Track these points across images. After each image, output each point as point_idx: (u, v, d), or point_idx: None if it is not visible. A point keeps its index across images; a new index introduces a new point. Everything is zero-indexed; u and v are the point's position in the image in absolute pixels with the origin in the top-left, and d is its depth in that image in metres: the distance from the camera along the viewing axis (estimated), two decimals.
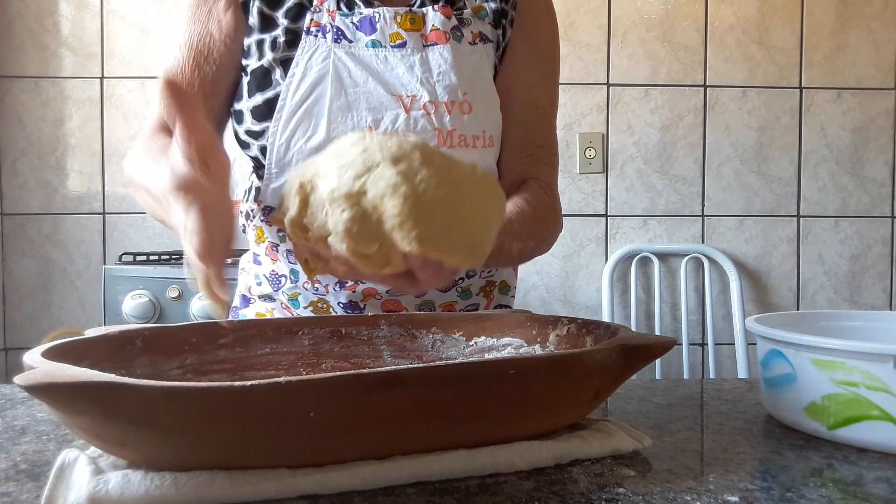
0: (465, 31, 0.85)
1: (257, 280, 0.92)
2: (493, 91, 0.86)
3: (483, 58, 0.86)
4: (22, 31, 2.03)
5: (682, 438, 0.53)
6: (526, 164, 0.90)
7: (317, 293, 0.86)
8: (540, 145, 0.92)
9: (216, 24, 0.82)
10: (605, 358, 0.48)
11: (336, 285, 0.84)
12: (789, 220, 2.18)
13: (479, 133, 0.82)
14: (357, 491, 0.42)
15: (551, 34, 0.96)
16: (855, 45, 2.17)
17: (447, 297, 0.89)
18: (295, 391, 0.38)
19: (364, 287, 0.83)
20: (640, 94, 2.14)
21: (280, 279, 0.88)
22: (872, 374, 0.49)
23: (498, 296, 0.94)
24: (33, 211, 2.04)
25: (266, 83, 0.81)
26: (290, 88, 0.79)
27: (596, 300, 2.14)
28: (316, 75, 0.79)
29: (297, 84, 0.79)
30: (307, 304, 0.87)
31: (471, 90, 0.83)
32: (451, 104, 0.81)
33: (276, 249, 0.87)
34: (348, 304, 0.85)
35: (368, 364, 0.66)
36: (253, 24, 0.82)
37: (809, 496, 0.42)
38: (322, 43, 0.80)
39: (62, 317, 2.05)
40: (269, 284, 0.90)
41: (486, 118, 0.84)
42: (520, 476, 0.45)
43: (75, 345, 0.51)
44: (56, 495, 0.39)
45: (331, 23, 0.81)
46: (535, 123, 0.91)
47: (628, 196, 2.15)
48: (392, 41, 0.82)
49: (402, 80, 0.80)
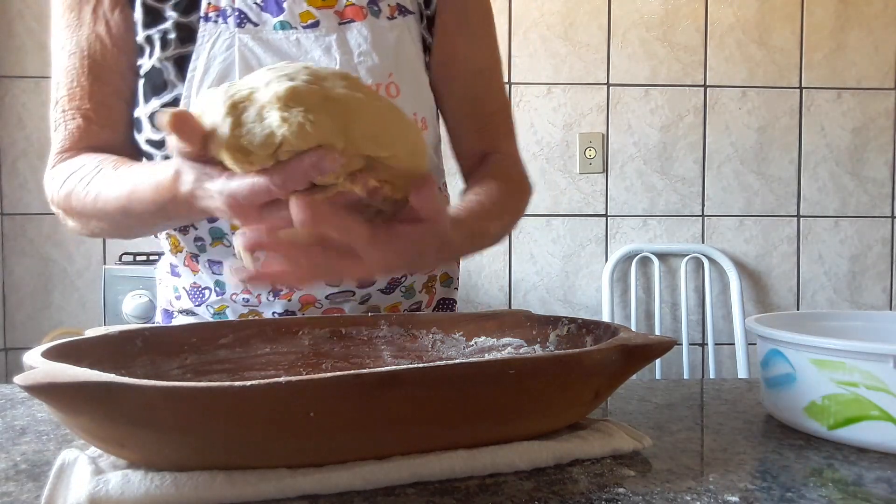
0: (381, 6, 0.78)
1: (176, 293, 0.84)
2: (421, 69, 0.80)
3: (405, 32, 0.79)
4: (22, 31, 2.03)
5: (682, 438, 0.53)
6: (482, 138, 0.86)
7: (247, 304, 0.79)
8: (492, 112, 0.87)
9: (104, 26, 0.73)
10: (605, 358, 0.48)
11: (270, 295, 0.78)
12: (789, 220, 2.18)
13: (411, 116, 0.76)
14: (357, 491, 0.42)
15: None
16: (855, 45, 2.17)
17: (392, 299, 0.84)
18: (295, 391, 0.38)
19: (301, 295, 0.78)
20: (640, 94, 2.14)
21: (203, 292, 0.81)
22: (872, 374, 0.49)
23: (441, 289, 0.91)
24: (33, 211, 2.04)
25: (160, 86, 0.73)
26: (193, 86, 0.72)
27: (596, 300, 2.14)
28: (221, 67, 0.71)
29: (201, 80, 0.71)
30: (236, 317, 0.81)
31: (396, 70, 0.76)
32: (376, 87, 0.74)
33: (197, 260, 0.79)
34: (284, 314, 0.79)
35: (368, 364, 0.66)
36: (138, 20, 0.74)
37: (809, 496, 0.42)
38: (224, 29, 0.72)
39: (62, 317, 2.05)
40: (190, 298, 0.82)
41: (416, 100, 0.78)
42: (520, 476, 0.45)
43: (75, 345, 0.51)
44: (56, 495, 0.39)
45: (231, 5, 0.73)
46: (482, 91, 0.86)
47: (628, 196, 2.15)
48: (303, 21, 0.74)
49: (319, 64, 0.72)
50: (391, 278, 0.82)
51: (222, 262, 0.78)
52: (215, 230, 0.77)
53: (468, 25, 0.85)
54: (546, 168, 2.13)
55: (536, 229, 2.13)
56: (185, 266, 0.81)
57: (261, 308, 0.80)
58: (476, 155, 0.86)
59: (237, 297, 0.79)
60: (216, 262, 0.79)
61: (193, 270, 0.80)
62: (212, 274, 0.79)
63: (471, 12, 0.86)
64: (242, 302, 0.79)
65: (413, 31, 0.80)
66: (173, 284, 0.84)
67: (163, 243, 0.84)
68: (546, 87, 2.12)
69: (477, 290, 2.12)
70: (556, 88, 2.12)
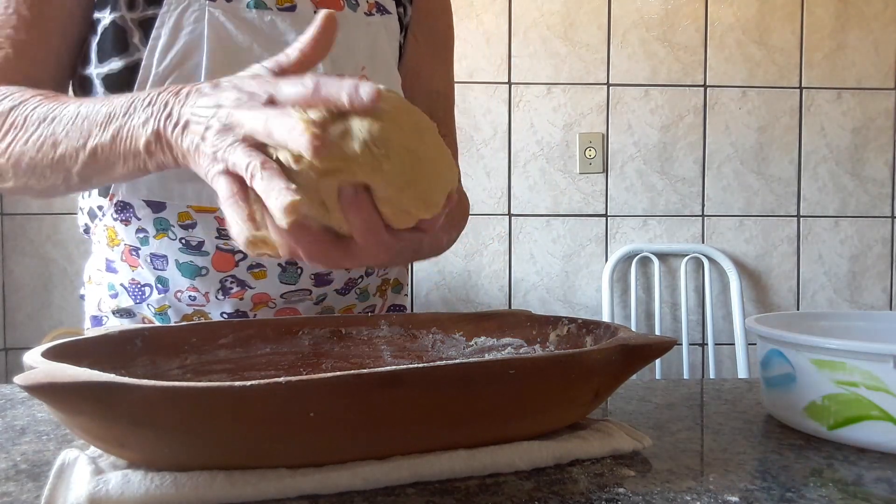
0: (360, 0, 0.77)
1: (111, 291, 0.77)
2: (394, 68, 0.80)
3: (381, 31, 0.78)
4: None
5: (682, 438, 0.53)
6: None
7: (193, 303, 0.74)
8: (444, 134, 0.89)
9: None
10: (605, 358, 0.48)
11: (219, 293, 0.74)
12: (789, 220, 2.18)
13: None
14: (357, 491, 0.42)
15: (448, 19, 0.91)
16: (855, 45, 2.17)
17: (347, 301, 0.83)
18: (295, 391, 0.38)
19: (253, 293, 0.75)
20: (640, 94, 2.14)
21: (143, 289, 0.75)
22: (872, 374, 0.49)
23: (391, 295, 0.91)
24: (33, 211, 2.04)
25: (122, 46, 0.67)
26: (156, 54, 0.66)
27: (596, 300, 2.14)
28: (188, 38, 0.66)
29: (166, 48, 0.66)
30: (179, 318, 0.76)
31: (369, 64, 0.75)
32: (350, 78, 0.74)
33: (137, 254, 0.73)
34: (234, 315, 0.75)
35: (368, 364, 0.66)
36: None
37: (809, 496, 0.42)
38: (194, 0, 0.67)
39: (62, 317, 2.05)
40: (129, 296, 0.76)
41: None
42: (520, 476, 0.45)
43: (75, 345, 0.51)
44: (56, 495, 0.39)
45: None
46: (438, 113, 0.86)
47: (628, 196, 2.15)
48: (279, 4, 0.71)
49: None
50: (347, 279, 0.81)
51: (167, 257, 0.73)
52: (161, 221, 0.72)
53: (434, 45, 0.87)
54: (546, 168, 2.13)
55: (536, 229, 2.13)
56: (123, 261, 0.75)
57: (208, 308, 0.75)
58: None
59: (182, 294, 0.75)
60: (160, 256, 0.73)
61: (132, 266, 0.75)
62: (154, 269, 0.74)
63: (438, 34, 0.88)
64: (188, 301, 0.75)
65: (391, 32, 0.81)
66: (108, 282, 0.78)
67: (98, 236, 0.77)
68: (546, 87, 2.12)
69: (477, 290, 2.12)
70: (556, 88, 2.12)
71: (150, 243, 0.73)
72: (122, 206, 0.71)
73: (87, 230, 0.79)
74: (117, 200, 0.71)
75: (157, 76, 0.66)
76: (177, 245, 0.73)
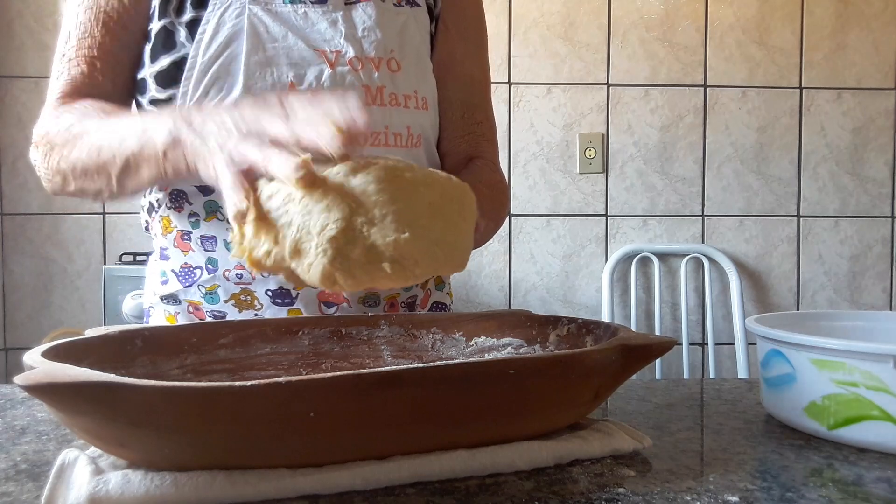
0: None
1: (163, 278, 0.83)
2: (425, 56, 0.84)
3: (411, 20, 0.83)
4: (22, 31, 2.03)
5: (682, 438, 0.53)
6: (468, 142, 0.89)
7: (240, 281, 0.79)
8: (480, 121, 0.91)
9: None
10: (605, 358, 0.48)
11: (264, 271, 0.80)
12: (789, 220, 2.18)
13: (412, 93, 0.80)
14: (357, 491, 0.42)
15: (479, 5, 0.94)
16: (855, 45, 2.17)
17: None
18: (295, 391, 0.38)
19: None
20: (640, 94, 2.14)
21: (194, 272, 0.80)
22: (872, 374, 0.49)
23: (435, 292, 0.92)
24: (33, 211, 2.04)
25: (170, 45, 0.76)
26: (201, 46, 0.74)
27: (596, 300, 2.14)
28: (230, 31, 0.74)
29: (209, 41, 0.74)
30: (227, 297, 0.80)
31: (398, 49, 0.80)
32: (378, 60, 0.78)
33: (189, 238, 0.79)
34: (278, 292, 0.79)
35: (368, 364, 0.66)
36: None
37: (809, 496, 0.42)
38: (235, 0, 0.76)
39: (62, 317, 2.05)
40: (179, 280, 0.81)
41: (417, 79, 0.81)
42: (520, 476, 0.45)
43: (75, 345, 0.51)
44: (56, 495, 0.39)
45: None
46: (474, 98, 0.90)
47: (628, 196, 2.15)
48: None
49: (324, 35, 0.77)
50: None
51: (216, 238, 0.78)
52: (210, 204, 0.77)
53: (464, 31, 0.90)
54: (546, 168, 2.13)
55: (536, 229, 2.13)
56: (176, 247, 0.80)
57: (254, 286, 0.79)
58: (461, 155, 0.89)
59: (230, 273, 0.78)
60: (209, 237, 0.78)
61: (184, 250, 0.80)
62: (204, 251, 0.79)
63: (469, 20, 0.91)
64: (235, 279, 0.79)
65: (420, 23, 0.84)
66: (160, 269, 0.83)
67: (154, 229, 0.83)
68: (546, 87, 2.12)
69: (477, 290, 2.12)
70: (556, 88, 2.12)
71: (200, 226, 0.79)
72: (176, 195, 0.79)
73: (147, 227, 0.86)
74: (171, 190, 0.79)
75: (202, 65, 0.74)
76: (225, 225, 0.77)
